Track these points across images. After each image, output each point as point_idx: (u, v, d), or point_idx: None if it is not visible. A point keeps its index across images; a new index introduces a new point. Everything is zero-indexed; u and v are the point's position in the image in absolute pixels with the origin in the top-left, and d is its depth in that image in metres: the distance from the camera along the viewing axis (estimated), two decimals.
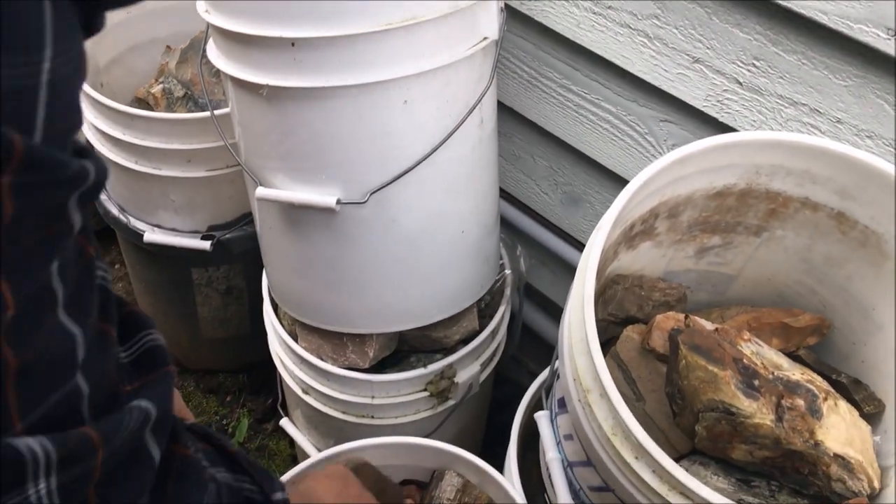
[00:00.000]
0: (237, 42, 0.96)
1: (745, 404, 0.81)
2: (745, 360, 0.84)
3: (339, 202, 1.03)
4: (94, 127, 1.38)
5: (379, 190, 1.04)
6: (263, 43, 0.93)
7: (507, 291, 1.37)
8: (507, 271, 1.39)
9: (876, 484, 0.88)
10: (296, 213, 1.08)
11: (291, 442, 1.75)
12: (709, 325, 0.92)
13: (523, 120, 1.38)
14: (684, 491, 0.73)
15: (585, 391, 0.78)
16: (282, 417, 1.54)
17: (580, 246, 1.43)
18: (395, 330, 1.22)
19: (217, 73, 1.40)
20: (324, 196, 1.04)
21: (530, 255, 1.50)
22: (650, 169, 0.85)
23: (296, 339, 1.29)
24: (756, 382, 0.83)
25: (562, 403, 0.97)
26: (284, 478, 0.98)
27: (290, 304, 1.25)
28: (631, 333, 0.99)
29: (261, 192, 1.07)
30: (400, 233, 1.10)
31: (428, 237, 1.12)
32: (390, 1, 0.91)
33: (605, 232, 0.81)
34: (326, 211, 1.05)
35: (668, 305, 1.05)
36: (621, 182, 1.28)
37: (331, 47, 0.91)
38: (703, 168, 0.90)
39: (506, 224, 1.49)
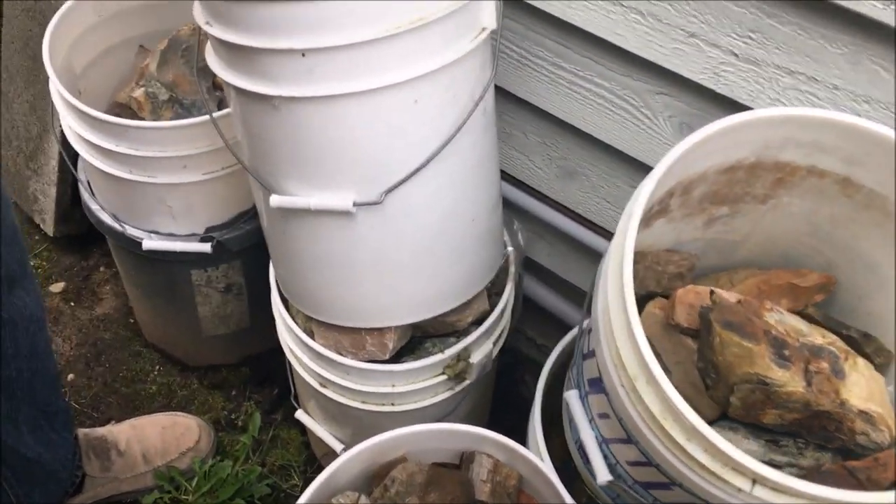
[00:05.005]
0: (244, 54, 0.95)
1: (778, 374, 0.86)
2: (773, 332, 0.88)
3: (355, 204, 1.04)
4: (82, 139, 1.35)
5: (393, 188, 1.04)
6: (273, 54, 0.92)
7: (513, 269, 1.39)
8: (510, 248, 1.41)
9: None
10: (310, 217, 1.09)
11: (303, 430, 1.77)
12: (730, 297, 0.96)
13: (512, 97, 1.38)
14: (736, 467, 0.77)
15: (632, 378, 0.81)
16: (289, 407, 1.55)
17: (577, 217, 1.45)
18: (414, 321, 1.24)
19: (196, 71, 1.38)
20: (340, 199, 1.04)
21: (527, 228, 1.52)
22: (672, 154, 0.87)
23: (311, 336, 1.30)
24: (786, 352, 0.87)
25: (593, 384, 1.01)
26: None
27: (306, 303, 1.26)
28: (653, 309, 1.02)
29: (275, 200, 1.07)
30: (415, 227, 1.11)
31: (442, 228, 1.14)
32: (398, 2, 0.91)
33: (637, 218, 0.84)
34: (342, 213, 1.06)
35: (681, 276, 1.08)
36: (617, 154, 1.30)
37: (343, 54, 0.91)
38: (719, 146, 0.93)
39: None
